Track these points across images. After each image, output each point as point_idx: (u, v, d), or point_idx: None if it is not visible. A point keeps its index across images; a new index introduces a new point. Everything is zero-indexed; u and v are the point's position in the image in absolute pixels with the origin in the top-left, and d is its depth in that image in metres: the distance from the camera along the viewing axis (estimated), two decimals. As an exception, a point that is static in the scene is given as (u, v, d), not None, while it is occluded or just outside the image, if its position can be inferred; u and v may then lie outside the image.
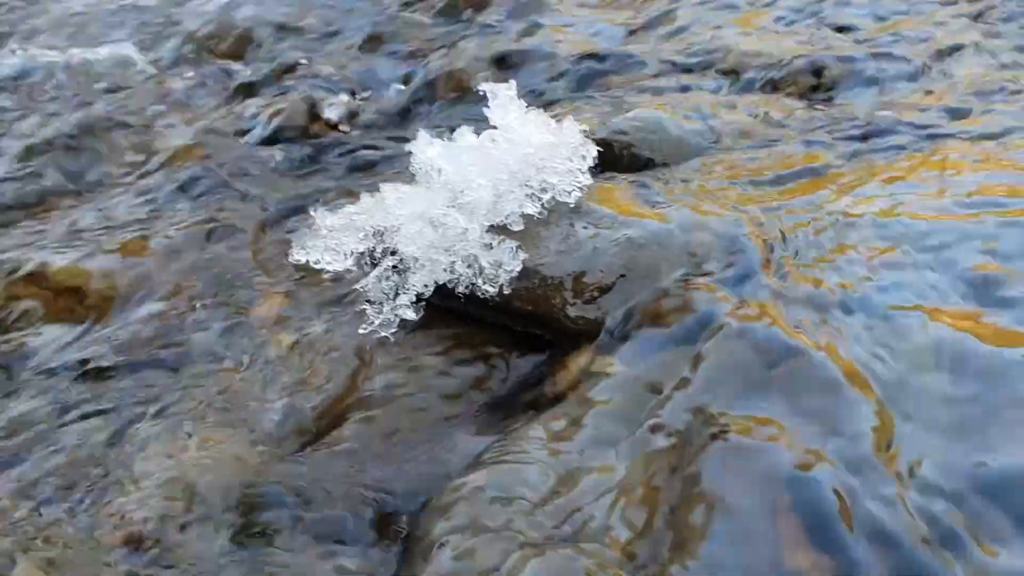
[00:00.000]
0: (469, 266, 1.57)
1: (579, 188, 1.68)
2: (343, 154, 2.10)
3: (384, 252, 1.66)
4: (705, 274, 1.51)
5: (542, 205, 1.65)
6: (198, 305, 1.79)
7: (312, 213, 1.81)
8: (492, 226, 1.62)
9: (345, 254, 1.76)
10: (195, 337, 1.70)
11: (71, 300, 1.85)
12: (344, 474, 1.37)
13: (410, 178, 1.72)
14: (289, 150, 2.19)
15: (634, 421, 1.30)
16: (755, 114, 2.18)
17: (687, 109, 2.15)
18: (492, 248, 1.57)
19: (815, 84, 2.28)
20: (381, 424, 1.44)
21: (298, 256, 1.79)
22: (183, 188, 2.06)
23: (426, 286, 1.59)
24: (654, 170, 1.88)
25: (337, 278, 1.75)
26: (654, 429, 1.27)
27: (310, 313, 1.71)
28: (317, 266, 1.77)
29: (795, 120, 2.15)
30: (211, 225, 1.99)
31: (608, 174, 1.81)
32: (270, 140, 2.30)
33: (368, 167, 2.05)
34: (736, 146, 2.04)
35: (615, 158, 1.90)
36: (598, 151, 1.76)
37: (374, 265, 1.70)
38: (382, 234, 1.69)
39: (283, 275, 1.82)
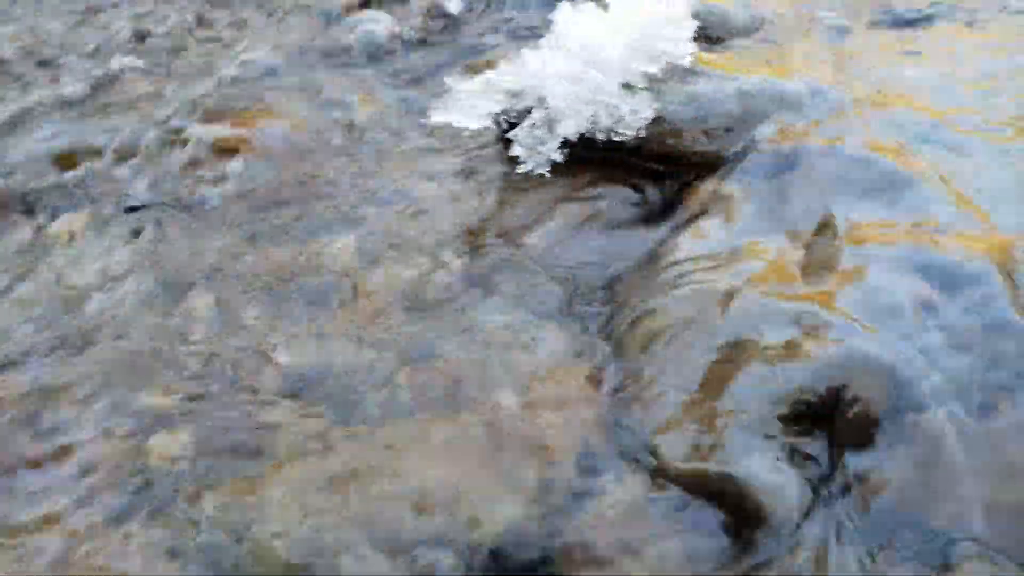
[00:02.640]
0: (610, 115, 1.89)
1: (689, 53, 2.00)
2: (460, 33, 2.36)
3: (528, 107, 1.96)
4: (807, 114, 1.86)
5: (661, 66, 1.96)
6: (346, 156, 2.06)
7: (446, 80, 2.10)
8: (622, 83, 1.93)
9: (481, 115, 2.05)
10: (352, 178, 1.97)
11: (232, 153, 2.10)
12: (531, 265, 1.69)
13: (543, 44, 2.01)
14: (405, 32, 2.43)
15: (766, 221, 1.65)
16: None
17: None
18: (629, 99, 1.88)
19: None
20: (551, 232, 1.77)
21: (437, 117, 2.08)
22: (313, 66, 2.31)
23: (573, 133, 1.90)
24: (736, 39, 2.21)
25: (476, 134, 2.05)
26: (786, 226, 1.63)
27: (457, 161, 2.00)
28: (457, 125, 2.05)
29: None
30: (344, 97, 2.24)
31: (704, 43, 2.13)
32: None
33: (488, 41, 2.31)
34: (790, 24, 2.40)
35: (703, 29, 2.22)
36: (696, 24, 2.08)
37: (511, 124, 1.99)
38: (521, 94, 1.98)
39: (423, 132, 2.10)
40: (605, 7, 2.02)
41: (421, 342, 1.55)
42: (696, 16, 2.13)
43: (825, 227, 1.59)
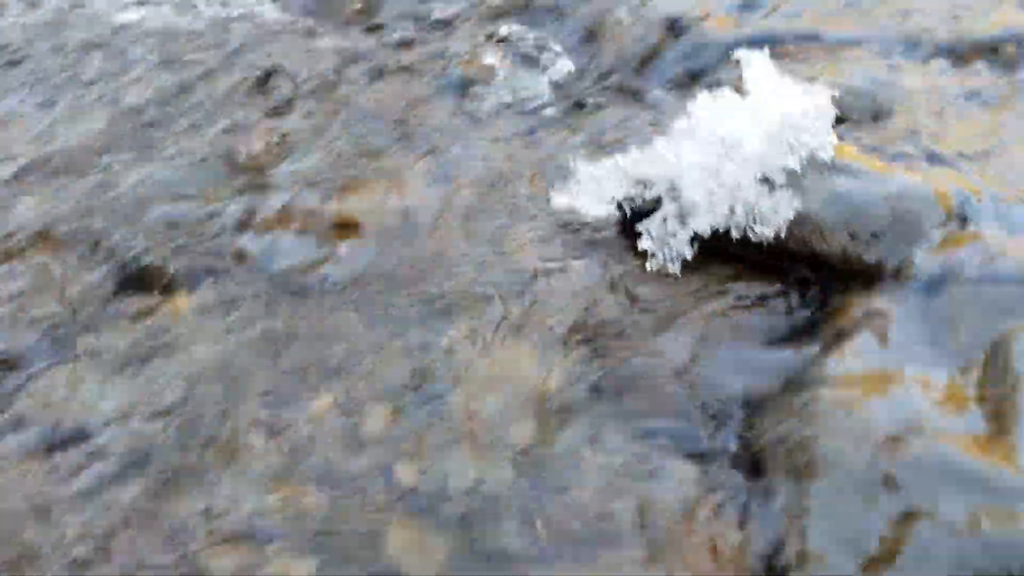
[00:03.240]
0: (746, 211, 1.78)
1: (830, 144, 1.87)
2: (579, 109, 2.28)
3: (657, 197, 1.86)
4: (964, 221, 1.72)
5: (801, 160, 1.85)
6: (463, 237, 1.98)
7: (571, 162, 2.02)
8: (760, 176, 1.82)
9: (606, 201, 1.96)
10: (468, 263, 1.90)
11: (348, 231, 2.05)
12: (661, 378, 1.59)
13: (676, 132, 1.91)
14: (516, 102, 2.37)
15: (928, 346, 1.51)
16: (944, 80, 2.37)
17: (883, 76, 2.34)
18: (768, 195, 1.77)
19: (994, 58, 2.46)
20: (683, 340, 1.66)
21: (558, 201, 2.00)
22: (429, 135, 2.26)
23: (706, 229, 1.79)
24: (879, 127, 2.08)
25: (600, 221, 1.95)
26: (951, 354, 1.49)
27: (580, 251, 1.91)
28: (580, 210, 1.97)
29: (982, 87, 2.35)
30: (460, 172, 2.18)
31: (845, 130, 2.00)
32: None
33: (607, 123, 2.23)
34: (931, 108, 2.25)
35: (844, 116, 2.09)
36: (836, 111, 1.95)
37: (637, 213, 1.89)
38: (651, 182, 1.89)
39: (544, 214, 2.01)
40: (744, 94, 1.91)
41: (541, 466, 1.46)
42: (837, 102, 2.01)
43: (997, 358, 1.44)
